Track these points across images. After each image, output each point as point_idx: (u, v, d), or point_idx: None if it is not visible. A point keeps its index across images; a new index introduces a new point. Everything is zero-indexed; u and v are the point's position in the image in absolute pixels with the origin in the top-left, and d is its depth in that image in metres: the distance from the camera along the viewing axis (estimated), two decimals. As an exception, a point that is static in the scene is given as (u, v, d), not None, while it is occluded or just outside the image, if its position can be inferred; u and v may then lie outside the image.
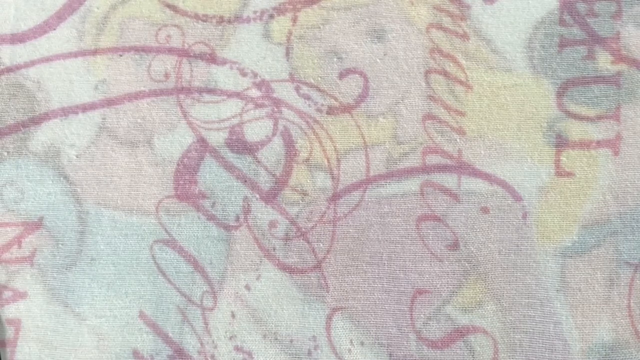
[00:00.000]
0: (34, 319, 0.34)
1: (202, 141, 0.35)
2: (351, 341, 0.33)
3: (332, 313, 0.34)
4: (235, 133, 0.35)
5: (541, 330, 0.33)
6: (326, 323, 0.34)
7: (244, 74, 0.35)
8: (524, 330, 0.33)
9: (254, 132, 0.35)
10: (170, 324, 0.34)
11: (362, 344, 0.33)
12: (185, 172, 0.35)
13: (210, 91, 0.35)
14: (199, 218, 0.34)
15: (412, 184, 0.34)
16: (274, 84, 0.35)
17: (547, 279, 0.33)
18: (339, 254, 0.34)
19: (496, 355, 0.33)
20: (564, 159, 0.34)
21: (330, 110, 0.35)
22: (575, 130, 0.34)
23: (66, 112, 0.35)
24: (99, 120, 0.35)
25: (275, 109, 0.35)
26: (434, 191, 0.34)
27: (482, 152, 0.34)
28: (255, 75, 0.35)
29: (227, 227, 0.34)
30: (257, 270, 0.34)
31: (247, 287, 0.34)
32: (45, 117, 0.35)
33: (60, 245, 0.35)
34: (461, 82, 0.34)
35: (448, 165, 0.34)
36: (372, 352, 0.33)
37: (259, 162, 0.34)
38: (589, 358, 0.33)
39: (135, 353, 0.34)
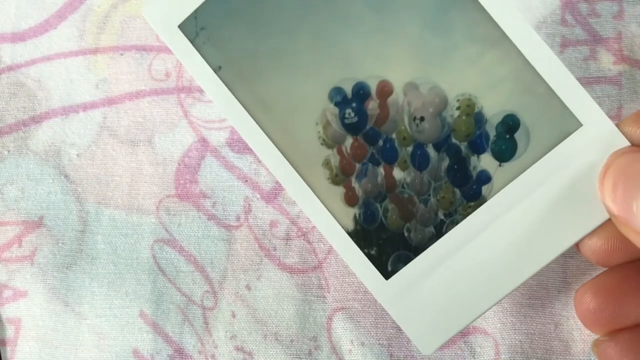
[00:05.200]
0: (34, 318, 0.34)
1: (202, 141, 0.35)
2: (352, 341, 0.33)
3: (333, 313, 0.34)
4: (236, 133, 0.34)
5: (542, 331, 0.33)
6: (327, 323, 0.34)
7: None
8: (525, 331, 0.33)
9: (255, 131, 0.35)
10: (170, 323, 0.34)
11: (362, 344, 0.33)
12: (186, 171, 0.35)
13: (211, 90, 0.35)
14: (199, 217, 0.34)
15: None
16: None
17: (548, 280, 0.33)
18: (340, 254, 0.34)
19: (497, 357, 0.33)
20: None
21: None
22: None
23: (67, 111, 0.35)
24: (100, 119, 0.35)
25: (276, 109, 0.35)
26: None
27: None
28: (256, 74, 0.35)
29: (227, 227, 0.34)
30: (257, 270, 0.34)
31: (248, 287, 0.34)
32: (46, 116, 0.35)
33: (60, 245, 0.35)
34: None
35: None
36: (372, 352, 0.33)
37: (259, 161, 0.34)
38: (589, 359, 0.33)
39: (136, 352, 0.34)
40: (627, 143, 0.26)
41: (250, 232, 0.34)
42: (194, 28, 0.28)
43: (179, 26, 0.28)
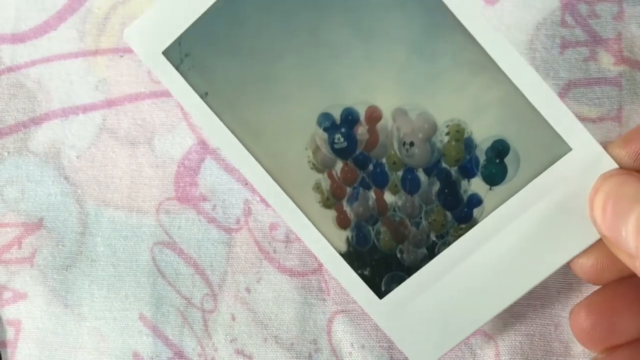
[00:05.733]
0: (34, 320, 0.34)
1: (202, 143, 0.35)
2: (352, 344, 0.33)
3: (333, 316, 0.34)
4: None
5: (542, 333, 0.33)
6: (327, 326, 0.34)
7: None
8: (525, 332, 0.33)
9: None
10: (170, 326, 0.34)
11: (362, 346, 0.33)
12: (186, 174, 0.35)
13: (211, 92, 0.35)
14: (199, 220, 0.34)
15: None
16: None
17: (548, 280, 0.33)
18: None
19: (497, 358, 0.33)
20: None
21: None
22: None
23: (66, 112, 0.35)
24: (100, 121, 0.35)
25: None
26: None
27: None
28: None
29: (227, 230, 0.34)
30: (257, 272, 0.34)
31: (248, 290, 0.34)
32: (46, 117, 0.35)
33: (60, 246, 0.35)
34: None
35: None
36: (372, 354, 0.33)
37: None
38: (589, 360, 0.33)
39: (135, 355, 0.34)
40: (615, 165, 0.27)
41: (250, 235, 0.34)
42: (178, 54, 0.29)
43: (163, 52, 0.29)
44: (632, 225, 0.24)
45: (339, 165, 0.29)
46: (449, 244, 0.29)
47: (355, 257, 0.29)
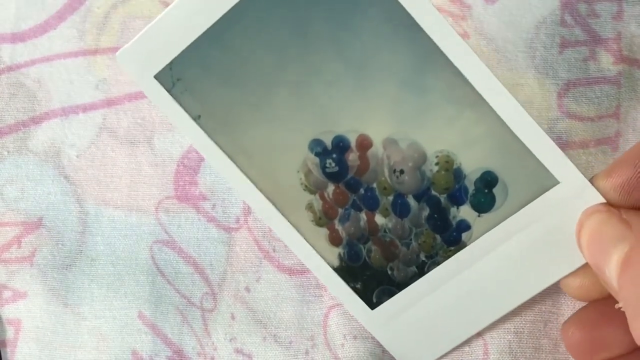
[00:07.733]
0: (34, 319, 0.34)
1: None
2: (344, 336, 0.33)
3: (329, 311, 0.34)
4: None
5: (531, 330, 0.33)
6: (323, 321, 0.34)
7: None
8: (514, 330, 0.33)
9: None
10: (169, 325, 0.34)
11: (355, 337, 0.33)
12: (185, 172, 0.35)
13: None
14: (199, 219, 0.34)
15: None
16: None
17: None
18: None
19: (486, 356, 0.33)
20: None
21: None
22: (575, 131, 0.34)
23: (66, 111, 0.35)
24: (100, 120, 0.35)
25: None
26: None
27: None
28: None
29: (227, 229, 0.34)
30: (257, 272, 0.34)
31: (247, 289, 0.34)
32: (46, 116, 0.35)
33: (60, 246, 0.35)
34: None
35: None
36: (364, 345, 0.33)
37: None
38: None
39: (135, 354, 0.34)
40: (600, 199, 0.27)
41: (249, 234, 0.34)
42: (170, 79, 0.29)
43: (155, 76, 0.29)
44: (614, 266, 0.25)
45: (331, 187, 0.30)
46: (439, 263, 0.30)
47: (347, 271, 0.31)
